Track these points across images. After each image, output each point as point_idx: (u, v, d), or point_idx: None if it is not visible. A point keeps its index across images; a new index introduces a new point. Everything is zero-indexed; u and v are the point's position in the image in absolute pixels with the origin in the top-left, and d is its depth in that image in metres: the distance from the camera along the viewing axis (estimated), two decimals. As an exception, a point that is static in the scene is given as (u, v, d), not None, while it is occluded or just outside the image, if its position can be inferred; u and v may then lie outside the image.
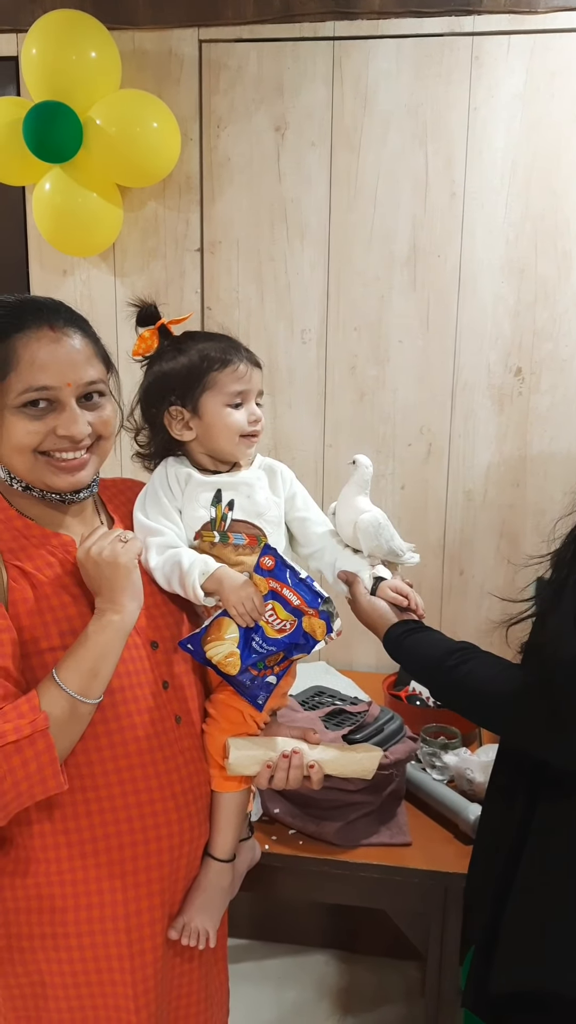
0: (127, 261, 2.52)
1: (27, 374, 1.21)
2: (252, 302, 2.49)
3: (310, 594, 1.29)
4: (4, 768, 1.11)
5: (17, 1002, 1.31)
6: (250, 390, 1.39)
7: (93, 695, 1.19)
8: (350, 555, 1.45)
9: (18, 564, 1.24)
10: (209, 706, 1.41)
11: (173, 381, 1.37)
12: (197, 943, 1.36)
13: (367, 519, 1.41)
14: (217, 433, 1.38)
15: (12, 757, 1.11)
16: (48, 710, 1.15)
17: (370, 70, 2.31)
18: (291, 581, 1.29)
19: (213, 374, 1.36)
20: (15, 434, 1.23)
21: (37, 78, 2.23)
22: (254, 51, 2.35)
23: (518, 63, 2.25)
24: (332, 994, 2.51)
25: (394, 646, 1.41)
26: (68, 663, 1.19)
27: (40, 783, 1.14)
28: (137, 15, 2.38)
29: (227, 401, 1.37)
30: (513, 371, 2.41)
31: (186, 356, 1.37)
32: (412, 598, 1.45)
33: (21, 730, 1.12)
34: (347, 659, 2.61)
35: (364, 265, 2.42)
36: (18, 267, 2.59)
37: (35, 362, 1.21)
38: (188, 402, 1.37)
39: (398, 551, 1.48)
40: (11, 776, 1.12)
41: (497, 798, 1.46)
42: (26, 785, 1.13)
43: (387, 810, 1.86)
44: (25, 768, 1.12)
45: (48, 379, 1.22)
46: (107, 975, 1.29)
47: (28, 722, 1.13)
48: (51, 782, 1.15)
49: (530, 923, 1.32)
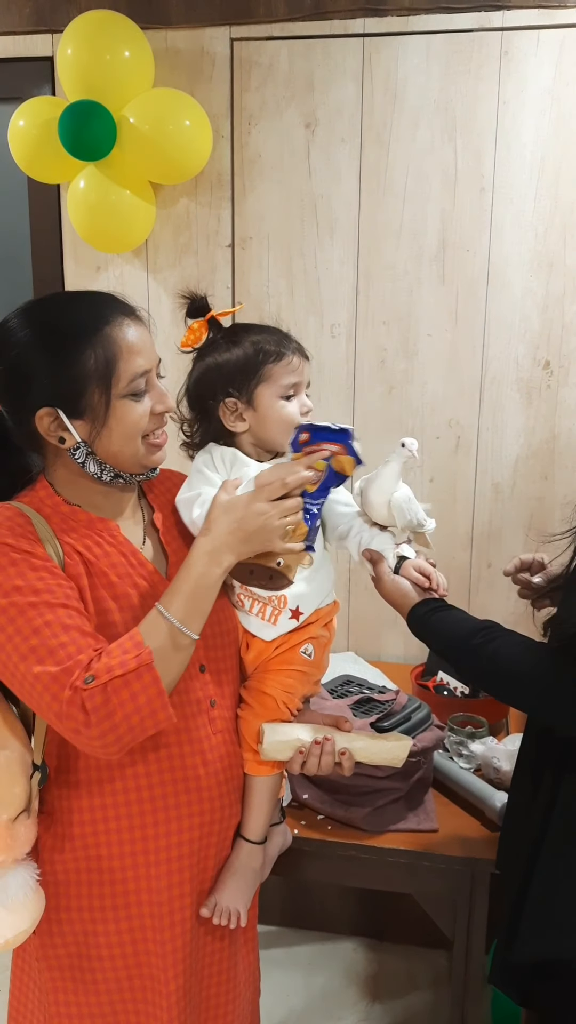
0: (160, 257, 2.56)
1: (131, 360, 1.26)
2: (282, 297, 2.52)
3: (343, 437, 1.33)
4: (115, 701, 1.15)
5: (56, 973, 1.35)
6: (302, 382, 1.42)
7: (194, 626, 1.23)
8: (377, 533, 1.46)
9: (70, 543, 1.29)
10: (244, 692, 1.44)
11: (228, 373, 1.39)
12: (228, 922, 1.40)
13: (400, 495, 1.43)
14: (271, 424, 1.40)
15: (121, 691, 1.15)
16: (151, 644, 1.19)
17: (400, 66, 2.33)
18: (325, 436, 1.33)
19: (268, 366, 1.39)
20: (131, 420, 1.28)
21: (72, 78, 2.27)
22: (285, 48, 2.38)
23: (547, 58, 2.26)
24: (360, 981, 2.54)
25: (419, 624, 1.43)
26: (169, 591, 1.24)
27: (150, 715, 1.18)
28: (170, 14, 2.41)
29: (281, 393, 1.40)
30: (541, 364, 2.42)
31: (240, 348, 1.39)
32: (435, 578, 1.46)
33: (127, 664, 1.16)
34: (375, 650, 2.64)
35: (393, 259, 2.44)
36: (53, 263, 2.64)
37: (132, 348, 1.27)
38: (243, 393, 1.39)
39: (423, 521, 1.50)
40: (121, 709, 1.16)
41: (524, 783, 1.48)
42: (137, 718, 1.17)
43: (415, 797, 1.89)
44: (135, 701, 1.16)
45: (145, 362, 1.28)
46: (143, 945, 1.33)
47: (133, 656, 1.17)
48: (161, 714, 1.19)
49: (555, 894, 1.34)
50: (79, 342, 1.24)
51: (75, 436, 1.27)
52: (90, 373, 1.24)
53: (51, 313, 1.30)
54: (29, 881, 1.29)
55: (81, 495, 1.34)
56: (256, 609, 1.43)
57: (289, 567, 1.36)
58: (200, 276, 2.53)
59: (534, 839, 1.38)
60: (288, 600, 1.41)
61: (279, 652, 1.44)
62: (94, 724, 1.15)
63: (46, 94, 2.50)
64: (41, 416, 1.26)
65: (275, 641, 1.43)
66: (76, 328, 1.25)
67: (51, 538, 1.27)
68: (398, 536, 1.48)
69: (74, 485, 1.34)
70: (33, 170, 2.42)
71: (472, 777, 1.93)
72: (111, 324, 1.26)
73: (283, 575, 1.36)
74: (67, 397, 1.25)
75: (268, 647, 1.44)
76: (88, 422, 1.27)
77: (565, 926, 1.34)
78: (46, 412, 1.26)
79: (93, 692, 1.15)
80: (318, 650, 1.46)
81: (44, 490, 1.34)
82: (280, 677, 1.43)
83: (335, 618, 1.51)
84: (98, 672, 1.15)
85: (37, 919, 1.30)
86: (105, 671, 1.16)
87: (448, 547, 2.55)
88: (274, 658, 1.44)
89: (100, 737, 1.17)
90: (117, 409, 1.27)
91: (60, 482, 1.34)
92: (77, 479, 1.33)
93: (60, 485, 1.34)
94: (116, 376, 1.25)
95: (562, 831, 1.35)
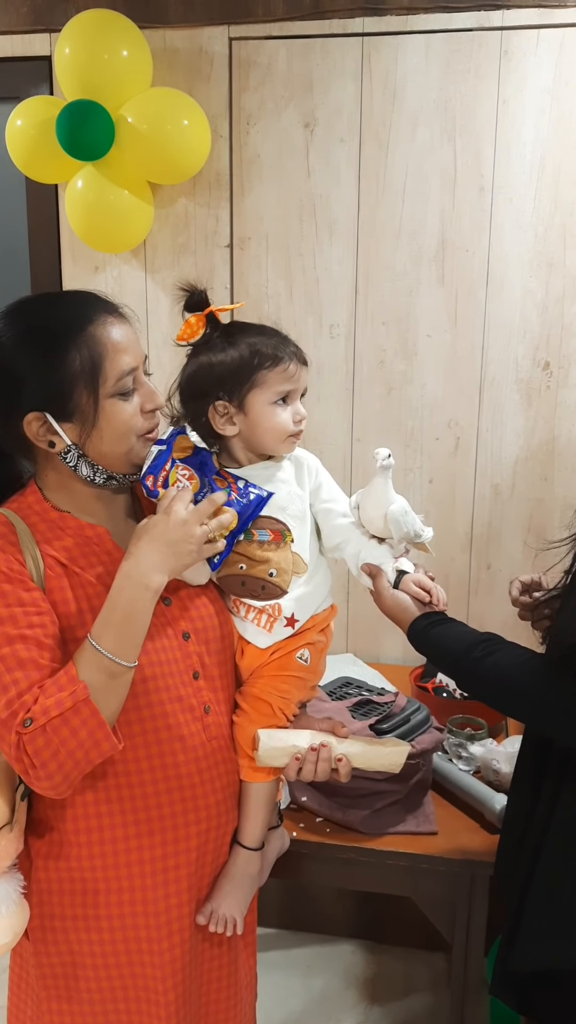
0: (158, 257, 2.55)
1: (116, 359, 1.25)
2: (281, 297, 2.51)
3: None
4: (56, 742, 1.15)
5: (49, 980, 1.34)
6: (297, 389, 1.38)
7: (127, 655, 1.21)
8: (375, 546, 1.44)
9: (54, 554, 1.27)
10: (239, 698, 1.43)
11: (220, 374, 1.34)
12: (224, 930, 1.39)
13: (396, 508, 1.41)
14: (262, 432, 1.36)
15: (61, 729, 1.15)
16: (86, 678, 1.17)
17: (399, 66, 2.32)
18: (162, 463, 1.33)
19: (263, 372, 1.33)
20: (122, 419, 1.27)
21: (70, 77, 2.26)
22: (284, 48, 2.37)
23: (547, 57, 2.25)
24: (359, 983, 2.54)
25: (419, 639, 1.42)
26: (99, 622, 1.21)
27: (94, 747, 1.18)
28: (168, 14, 2.40)
29: (274, 399, 1.35)
30: (541, 365, 2.41)
31: (236, 349, 1.34)
32: (434, 592, 1.44)
33: (63, 703, 1.15)
34: (374, 651, 2.63)
35: (392, 260, 2.44)
36: (51, 264, 2.63)
37: (118, 347, 1.26)
38: (234, 397, 1.34)
39: (420, 531, 1.48)
40: (64, 747, 1.15)
41: (523, 787, 1.48)
42: (81, 753, 1.17)
43: (413, 799, 1.88)
44: (76, 737, 1.16)
45: (132, 360, 1.27)
46: (137, 956, 1.32)
47: (68, 694, 1.16)
48: (104, 744, 1.18)
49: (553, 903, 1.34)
50: (63, 344, 1.23)
51: (65, 439, 1.26)
52: (76, 374, 1.23)
53: (32, 316, 1.28)
54: (12, 894, 1.28)
55: (72, 500, 1.33)
56: (251, 616, 1.41)
57: (281, 577, 1.35)
58: (198, 276, 2.51)
59: (533, 847, 1.37)
60: (283, 608, 1.39)
61: (275, 658, 1.42)
62: (39, 766, 1.16)
63: (44, 93, 2.48)
64: (29, 421, 1.25)
65: (270, 648, 1.42)
66: (59, 329, 1.24)
67: (33, 549, 1.26)
68: (396, 548, 1.47)
69: (65, 490, 1.32)
70: (31, 170, 2.41)
71: (471, 779, 1.92)
72: (94, 323, 1.25)
73: (276, 586, 1.35)
74: (54, 400, 1.24)
75: (263, 653, 1.42)
76: (77, 424, 1.25)
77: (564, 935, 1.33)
78: (34, 417, 1.25)
79: (34, 735, 1.15)
80: (314, 655, 1.44)
81: (33, 495, 1.33)
82: (276, 682, 1.41)
83: (332, 622, 1.49)
84: (36, 714, 1.15)
85: (20, 932, 1.30)
86: (42, 713, 1.15)
87: (447, 549, 2.54)
88: (270, 663, 1.42)
89: (48, 778, 1.17)
90: (106, 409, 1.26)
91: (50, 487, 1.33)
92: (69, 483, 1.32)
93: (50, 490, 1.33)
94: (103, 376, 1.24)
95: (561, 839, 1.34)
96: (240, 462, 1.40)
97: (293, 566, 1.38)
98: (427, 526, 1.49)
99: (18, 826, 1.29)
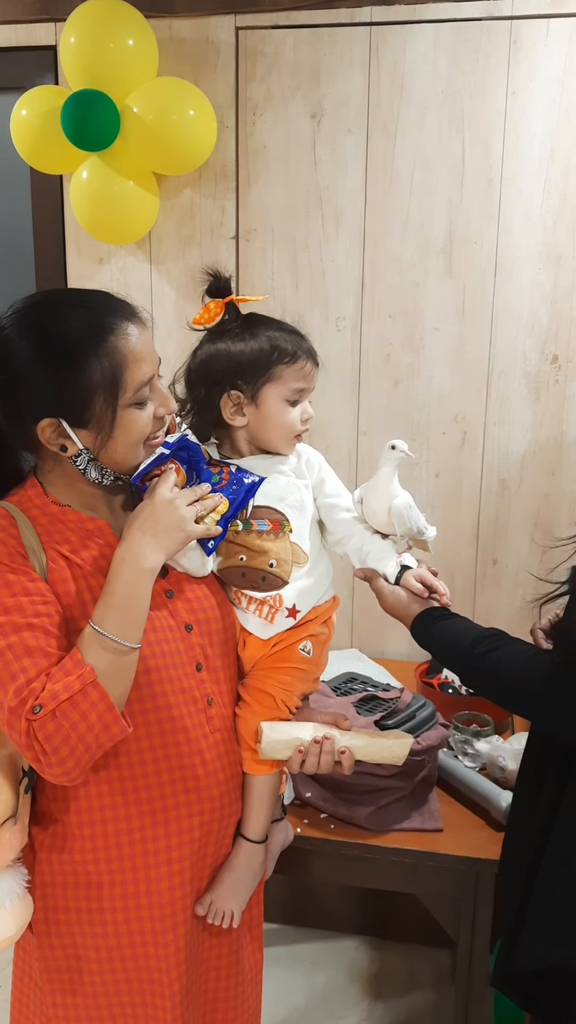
0: (163, 249, 2.53)
1: (136, 370, 1.24)
2: (287, 289, 2.50)
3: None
4: (66, 726, 1.14)
5: (53, 974, 1.34)
6: (309, 389, 1.40)
7: (131, 636, 1.21)
8: (378, 540, 1.44)
9: (55, 547, 1.27)
10: (242, 690, 1.43)
11: (238, 363, 1.35)
12: (221, 922, 1.39)
13: (401, 502, 1.41)
14: (271, 427, 1.38)
15: (70, 713, 1.15)
16: (92, 662, 1.17)
17: (407, 56, 2.30)
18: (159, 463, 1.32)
19: (281, 367, 1.35)
20: (137, 428, 1.26)
21: (75, 67, 2.25)
22: (291, 37, 2.35)
23: (557, 47, 2.22)
24: (362, 979, 2.53)
25: (422, 634, 1.41)
26: (99, 606, 1.21)
27: (104, 731, 1.17)
28: (174, 3, 2.38)
29: (287, 396, 1.37)
30: (549, 358, 2.39)
31: (256, 341, 1.35)
32: (437, 588, 1.44)
33: (71, 687, 1.15)
34: (379, 647, 2.62)
35: (399, 252, 2.42)
36: (55, 255, 2.61)
37: (138, 357, 1.24)
38: (249, 388, 1.36)
39: (424, 528, 1.48)
40: (74, 731, 1.15)
41: (527, 784, 1.47)
42: (92, 736, 1.16)
43: (419, 796, 1.87)
44: (86, 720, 1.15)
45: (150, 368, 1.26)
46: (141, 949, 1.32)
47: (76, 677, 1.16)
48: (114, 728, 1.18)
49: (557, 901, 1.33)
50: (84, 354, 1.21)
51: (78, 445, 1.25)
52: (95, 385, 1.21)
53: (50, 321, 1.24)
54: (15, 888, 1.28)
55: (75, 496, 1.32)
56: (253, 607, 1.41)
57: (282, 568, 1.34)
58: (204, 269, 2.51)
59: (537, 846, 1.36)
60: (284, 599, 1.39)
61: (276, 649, 1.42)
62: (50, 752, 1.15)
63: (49, 83, 2.47)
64: (43, 426, 1.24)
65: (272, 639, 1.42)
66: (79, 339, 1.22)
67: (35, 542, 1.25)
68: (398, 544, 1.47)
69: (69, 487, 1.31)
70: (35, 160, 2.40)
71: (477, 776, 1.91)
72: (115, 333, 1.23)
73: (277, 576, 1.35)
74: (71, 408, 1.23)
75: (265, 644, 1.42)
76: (93, 432, 1.24)
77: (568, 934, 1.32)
78: (49, 423, 1.23)
79: (44, 721, 1.14)
80: (317, 647, 1.44)
81: (33, 488, 1.32)
82: (278, 675, 1.41)
83: (335, 614, 1.49)
84: (44, 700, 1.14)
85: (23, 925, 1.29)
86: (51, 698, 1.15)
87: (453, 543, 2.53)
88: (272, 655, 1.42)
89: (60, 763, 1.16)
90: (123, 418, 1.25)
91: (53, 483, 1.32)
92: (73, 482, 1.31)
93: (52, 485, 1.32)
94: (123, 388, 1.23)
95: (565, 837, 1.33)
96: (242, 453, 1.42)
97: (293, 556, 1.38)
98: (431, 525, 1.48)
99: (22, 819, 1.29)
